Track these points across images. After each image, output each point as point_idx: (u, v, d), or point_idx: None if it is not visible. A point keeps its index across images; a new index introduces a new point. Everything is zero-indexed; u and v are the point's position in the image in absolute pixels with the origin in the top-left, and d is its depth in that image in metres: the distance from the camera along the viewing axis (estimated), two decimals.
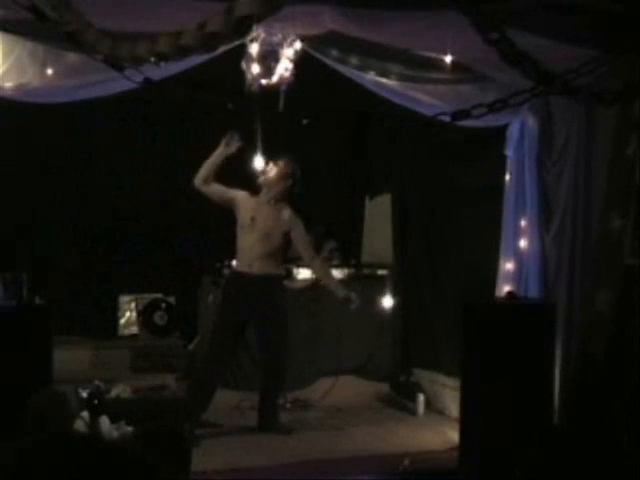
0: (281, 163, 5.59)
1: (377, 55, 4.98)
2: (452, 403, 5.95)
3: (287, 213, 5.62)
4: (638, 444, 2.60)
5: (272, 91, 4.81)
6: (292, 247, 7.49)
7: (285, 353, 5.76)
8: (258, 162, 5.58)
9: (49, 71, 4.49)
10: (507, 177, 5.69)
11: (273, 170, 5.58)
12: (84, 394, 5.34)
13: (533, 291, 5.50)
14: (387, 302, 6.59)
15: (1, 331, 4.44)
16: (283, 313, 5.70)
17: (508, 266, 5.63)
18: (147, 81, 3.92)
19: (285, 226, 5.60)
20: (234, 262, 5.76)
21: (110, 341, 6.68)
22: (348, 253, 7.44)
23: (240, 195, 5.62)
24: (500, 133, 5.63)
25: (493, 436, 4.84)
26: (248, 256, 5.56)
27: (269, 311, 5.63)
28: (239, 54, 4.68)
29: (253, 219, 5.55)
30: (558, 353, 5.23)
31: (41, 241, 6.53)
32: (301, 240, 5.67)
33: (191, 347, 6.73)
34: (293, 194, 5.64)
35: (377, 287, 6.98)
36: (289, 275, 6.68)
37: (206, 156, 5.48)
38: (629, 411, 4.66)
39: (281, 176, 5.58)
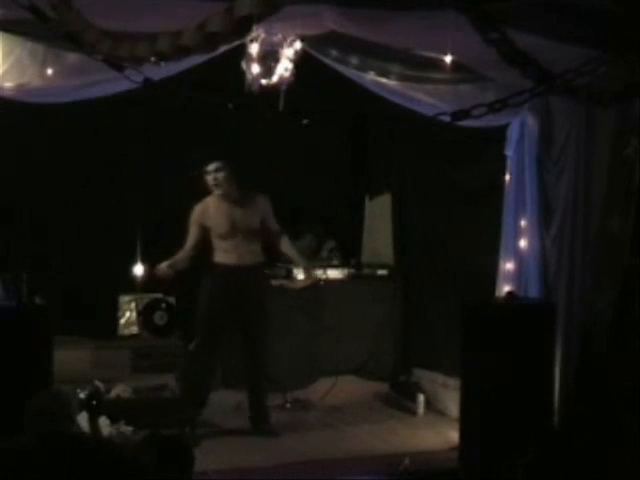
0: (219, 167, 5.64)
1: (377, 55, 4.97)
2: (452, 403, 5.94)
3: (260, 199, 5.76)
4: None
5: (272, 91, 4.81)
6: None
7: (265, 350, 5.82)
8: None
9: (49, 71, 4.48)
10: (507, 177, 5.69)
11: (220, 176, 5.64)
12: (82, 395, 5.35)
13: (533, 291, 5.50)
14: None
15: (1, 331, 4.43)
16: (265, 306, 5.81)
17: (508, 266, 5.63)
18: (147, 81, 3.92)
19: (261, 211, 5.76)
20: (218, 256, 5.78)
21: (110, 341, 6.66)
22: (348, 253, 7.43)
23: (204, 219, 5.73)
24: (500, 133, 5.63)
25: (493, 436, 4.85)
26: (236, 252, 5.69)
27: (254, 304, 5.71)
28: (239, 54, 4.68)
29: (234, 223, 5.66)
30: (558, 353, 5.23)
31: (41, 241, 6.52)
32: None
33: (191, 347, 6.72)
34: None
35: (377, 287, 6.98)
36: (289, 275, 6.68)
37: (207, 155, 5.54)
38: (630, 411, 4.67)
39: (229, 176, 5.67)
